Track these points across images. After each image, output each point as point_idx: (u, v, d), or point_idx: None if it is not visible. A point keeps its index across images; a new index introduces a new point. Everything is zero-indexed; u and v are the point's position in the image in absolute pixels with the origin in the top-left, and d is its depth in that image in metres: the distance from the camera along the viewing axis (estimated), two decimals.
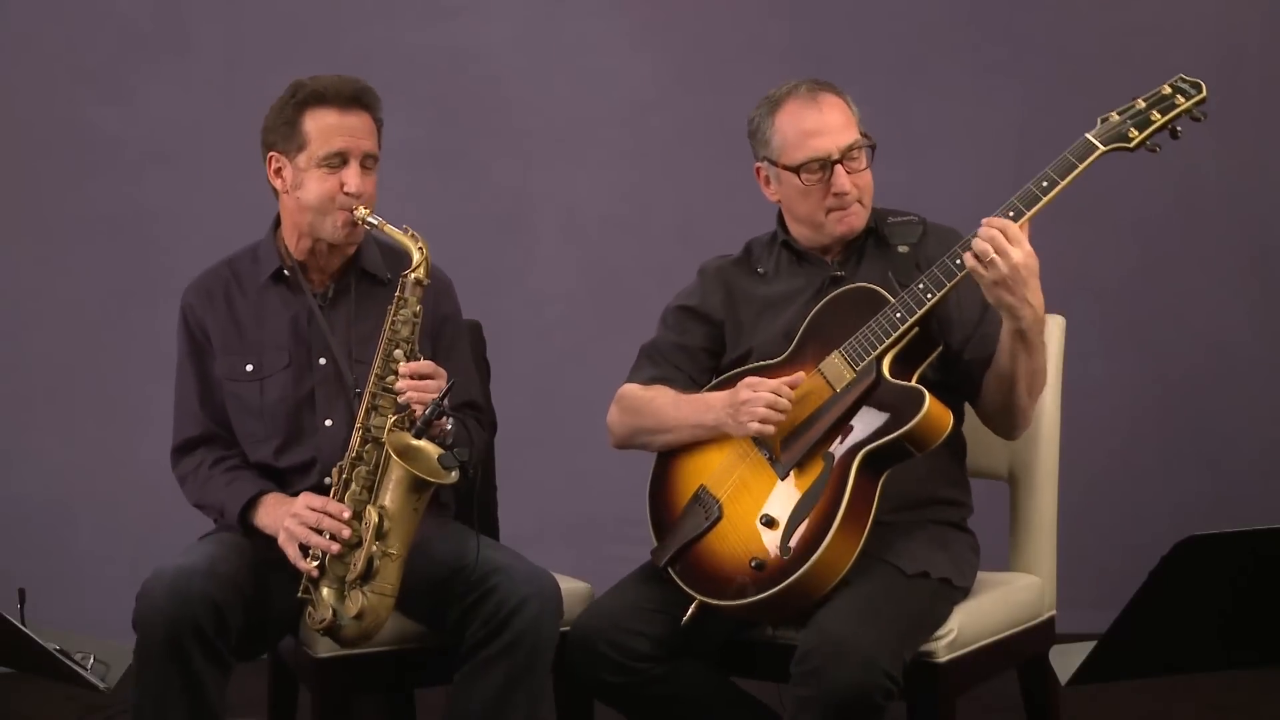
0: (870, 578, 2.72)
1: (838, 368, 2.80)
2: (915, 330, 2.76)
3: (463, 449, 2.77)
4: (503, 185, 4.74)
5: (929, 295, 2.74)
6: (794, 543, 2.69)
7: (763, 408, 2.76)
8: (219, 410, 3.00)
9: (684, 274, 3.14)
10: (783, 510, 2.74)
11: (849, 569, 2.68)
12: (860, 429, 2.73)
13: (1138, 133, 2.72)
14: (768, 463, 2.81)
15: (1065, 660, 2.19)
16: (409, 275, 2.87)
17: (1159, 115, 2.73)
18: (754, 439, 2.82)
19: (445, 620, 2.83)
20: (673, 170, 4.73)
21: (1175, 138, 2.75)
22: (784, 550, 2.70)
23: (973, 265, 2.66)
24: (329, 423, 2.94)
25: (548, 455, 4.47)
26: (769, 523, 2.74)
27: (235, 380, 2.98)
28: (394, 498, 2.77)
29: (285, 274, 3.00)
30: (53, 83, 4.60)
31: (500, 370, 3.31)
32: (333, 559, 2.76)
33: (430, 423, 2.76)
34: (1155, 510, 4.56)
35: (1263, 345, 4.69)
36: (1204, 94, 2.73)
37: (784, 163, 2.93)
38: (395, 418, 2.80)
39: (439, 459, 2.76)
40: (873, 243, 2.98)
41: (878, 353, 2.76)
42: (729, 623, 2.82)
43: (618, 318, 3.73)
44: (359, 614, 2.73)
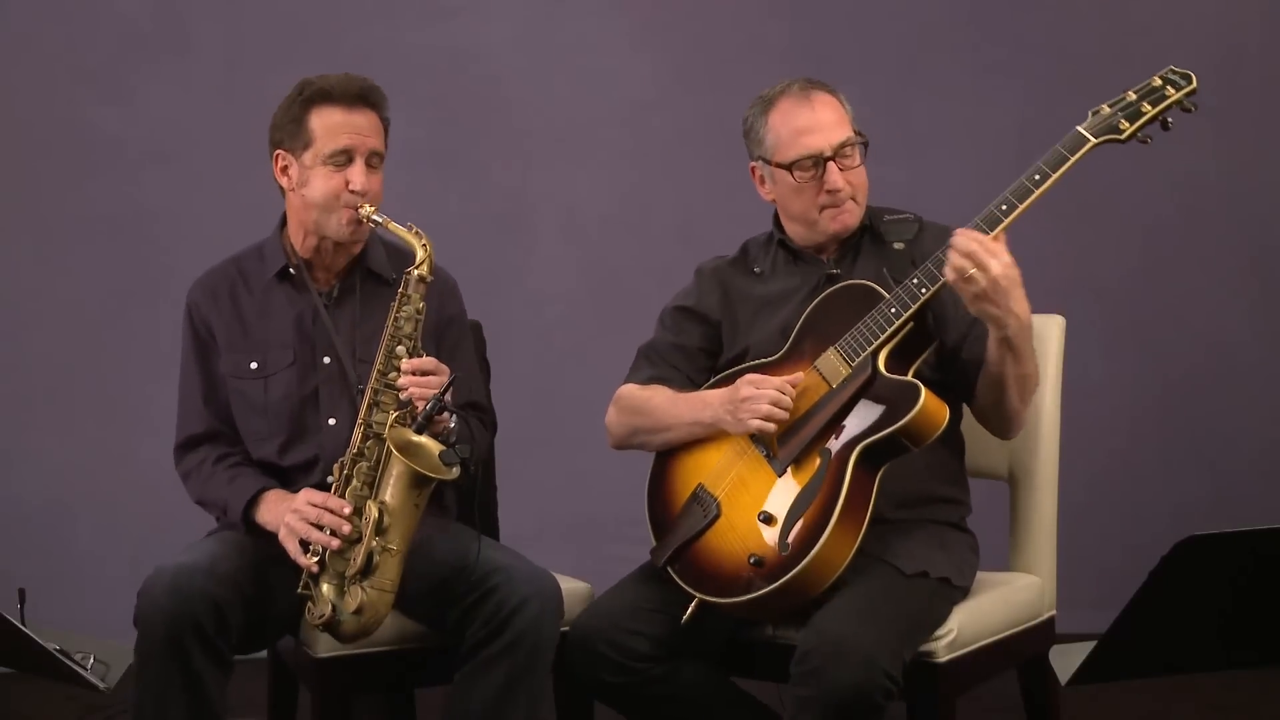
0: (869, 578, 2.72)
1: (833, 364, 2.80)
2: (910, 325, 2.76)
3: (464, 445, 2.77)
4: (503, 185, 4.74)
5: (923, 290, 2.74)
6: (792, 538, 2.69)
7: (766, 405, 2.76)
8: (223, 408, 3.00)
9: (684, 274, 3.14)
10: (781, 506, 2.74)
11: (848, 568, 2.68)
12: (857, 424, 2.73)
13: (1129, 124, 2.73)
14: (765, 460, 2.81)
15: (1065, 660, 2.19)
16: (412, 272, 2.87)
17: (1149, 107, 2.74)
18: (751, 436, 2.82)
19: (446, 620, 2.83)
20: (673, 170, 4.73)
21: (1166, 129, 2.75)
22: (782, 546, 2.70)
23: (953, 280, 2.67)
24: (332, 421, 2.94)
25: (548, 455, 4.47)
26: (767, 519, 2.74)
27: (240, 378, 2.98)
28: (395, 493, 2.77)
29: (291, 272, 3.01)
30: (53, 83, 4.60)
31: (500, 370, 3.31)
32: (333, 554, 2.76)
33: (431, 418, 2.76)
34: (1155, 510, 4.56)
35: (1263, 345, 4.69)
36: (1194, 85, 2.74)
37: (777, 161, 2.94)
38: (397, 414, 2.81)
39: (440, 455, 2.76)
40: (868, 240, 2.98)
41: (873, 348, 2.76)
42: (729, 622, 2.82)
43: (618, 318, 3.73)
44: (358, 609, 2.73)
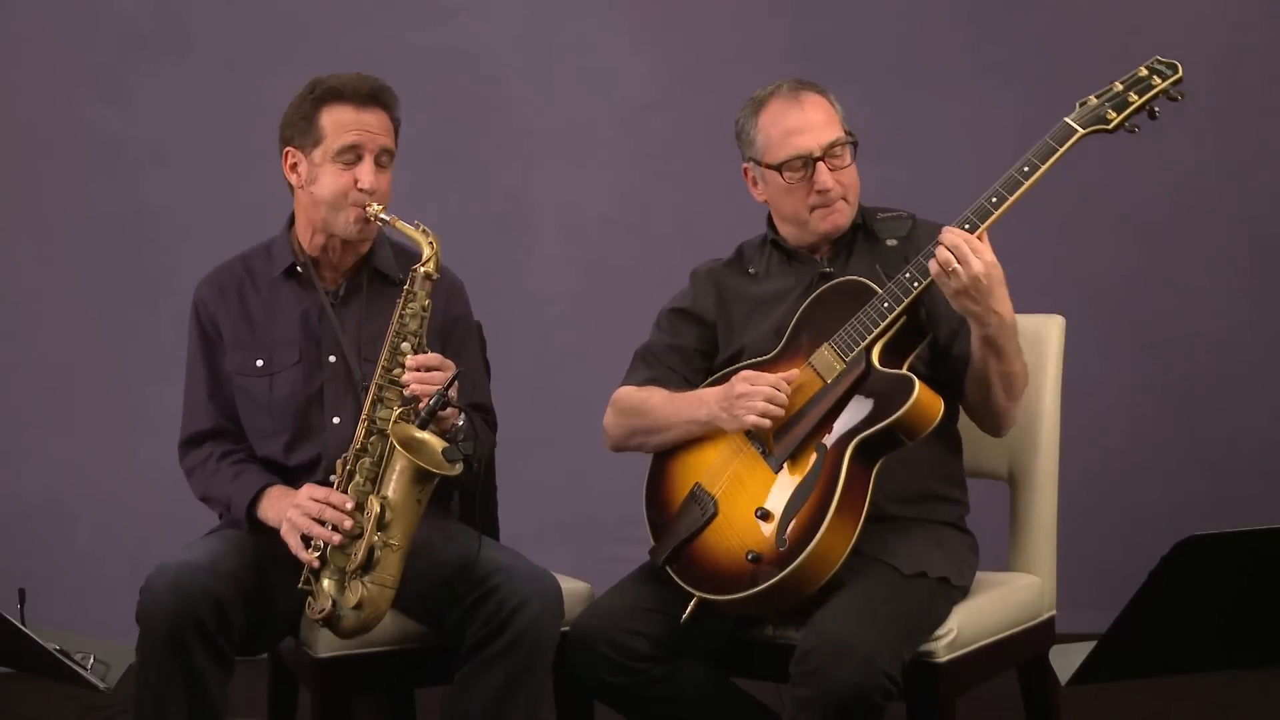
0: (868, 578, 2.72)
1: (828, 359, 2.80)
2: (903, 320, 2.77)
3: (467, 442, 2.77)
4: (503, 185, 4.74)
5: (915, 284, 2.75)
6: (789, 533, 2.69)
7: (761, 401, 2.77)
8: (228, 404, 3.00)
9: (684, 274, 3.14)
10: (777, 502, 2.74)
11: (848, 568, 2.68)
12: (852, 418, 2.73)
13: (1116, 114, 2.74)
14: (761, 457, 2.81)
15: (1065, 660, 2.19)
16: (419, 269, 2.87)
17: (1136, 96, 2.75)
18: (747, 434, 2.82)
19: (446, 620, 2.83)
20: (673, 170, 4.73)
21: (1154, 118, 2.77)
22: (780, 541, 2.70)
23: (936, 274, 2.68)
24: (337, 420, 2.94)
25: (548, 455, 4.47)
26: (764, 515, 2.74)
27: (245, 375, 2.99)
28: (397, 489, 2.77)
29: (298, 270, 3.01)
30: (53, 83, 4.60)
31: (500, 370, 3.31)
32: (334, 550, 2.76)
33: (435, 413, 2.76)
34: (1155, 510, 4.56)
35: (1263, 345, 4.69)
36: (1180, 74, 2.75)
37: (767, 161, 2.94)
38: (401, 409, 2.81)
39: (443, 451, 2.76)
40: (861, 238, 2.99)
41: (866, 342, 2.76)
42: (729, 621, 2.82)
43: (617, 318, 3.73)
44: (358, 604, 2.73)
